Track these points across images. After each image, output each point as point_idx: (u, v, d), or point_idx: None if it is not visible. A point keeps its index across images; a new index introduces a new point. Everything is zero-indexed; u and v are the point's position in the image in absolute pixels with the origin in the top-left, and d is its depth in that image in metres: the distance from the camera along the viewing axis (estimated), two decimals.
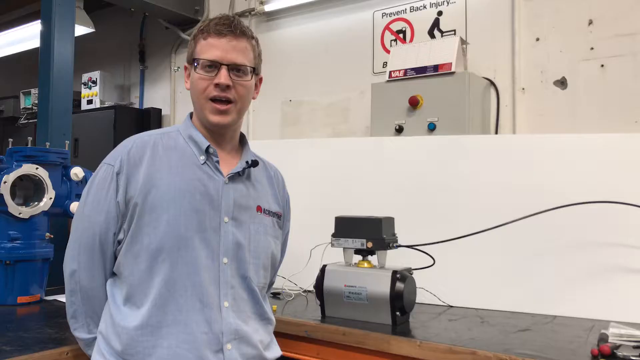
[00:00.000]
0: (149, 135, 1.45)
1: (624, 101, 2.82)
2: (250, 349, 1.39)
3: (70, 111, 3.26)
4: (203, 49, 1.41)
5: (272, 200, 1.54)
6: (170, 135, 1.46)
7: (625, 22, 2.83)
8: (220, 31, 1.40)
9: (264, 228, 1.48)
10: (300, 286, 2.28)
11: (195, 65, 1.41)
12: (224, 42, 1.39)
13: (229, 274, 1.38)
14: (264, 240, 1.47)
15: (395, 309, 1.79)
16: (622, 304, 1.90)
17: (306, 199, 2.51)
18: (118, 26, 5.40)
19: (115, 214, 1.36)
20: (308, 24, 4.06)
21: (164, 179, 1.36)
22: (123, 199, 1.35)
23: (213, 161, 1.42)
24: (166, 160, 1.39)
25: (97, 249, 1.37)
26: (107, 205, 1.36)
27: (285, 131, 4.17)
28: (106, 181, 1.37)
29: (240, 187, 1.45)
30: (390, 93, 3.09)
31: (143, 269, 1.33)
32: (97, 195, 1.37)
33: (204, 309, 1.33)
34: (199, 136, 1.44)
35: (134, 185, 1.35)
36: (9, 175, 2.09)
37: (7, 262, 2.09)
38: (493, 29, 3.23)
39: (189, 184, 1.37)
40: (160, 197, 1.34)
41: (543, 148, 2.18)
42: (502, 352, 1.48)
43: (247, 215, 1.44)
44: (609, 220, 1.97)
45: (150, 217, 1.33)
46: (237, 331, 1.36)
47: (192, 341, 1.31)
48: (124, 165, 1.37)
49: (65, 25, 3.22)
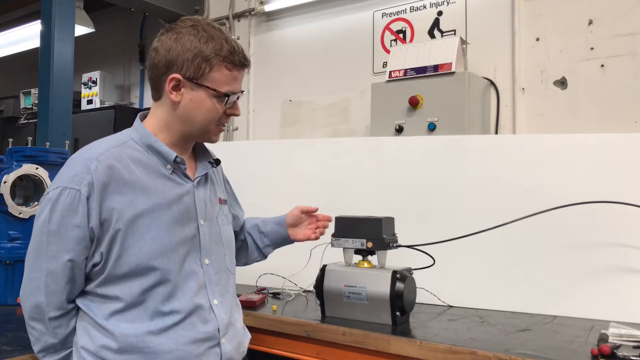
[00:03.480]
0: (105, 149, 1.34)
1: (624, 101, 2.82)
2: (237, 337, 1.47)
3: (70, 111, 3.27)
4: (228, 80, 1.38)
5: (222, 188, 1.61)
6: (128, 145, 1.38)
7: (625, 22, 2.83)
8: (244, 64, 1.40)
9: (226, 217, 1.55)
10: (300, 286, 2.28)
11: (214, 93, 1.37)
12: (243, 74, 1.42)
13: (212, 272, 1.43)
14: (228, 229, 1.56)
15: (395, 309, 1.79)
16: (622, 304, 1.90)
17: (306, 199, 2.51)
18: (118, 26, 5.41)
19: (89, 240, 1.29)
20: (308, 24, 4.06)
21: (140, 197, 1.32)
22: (97, 223, 1.28)
23: (181, 169, 1.42)
24: (135, 176, 1.34)
25: (68, 279, 1.30)
26: (80, 232, 1.28)
27: (285, 131, 4.17)
28: (74, 207, 1.27)
29: (205, 187, 1.49)
30: (390, 93, 3.09)
31: (136, 288, 1.31)
32: (65, 225, 1.27)
33: (199, 312, 1.37)
34: (162, 146, 1.39)
35: (107, 209, 1.29)
36: (9, 175, 2.09)
37: (7, 262, 2.09)
38: (493, 29, 3.23)
39: (163, 197, 1.36)
40: (141, 217, 1.31)
41: (543, 148, 2.18)
42: (502, 352, 1.48)
43: (213, 210, 1.49)
44: (609, 220, 1.97)
45: (134, 238, 1.30)
46: (227, 325, 1.43)
47: (192, 343, 1.34)
48: (94, 188, 1.27)
49: (65, 25, 3.23)
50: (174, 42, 1.36)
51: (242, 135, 4.38)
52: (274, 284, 2.26)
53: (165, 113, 1.41)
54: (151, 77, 1.42)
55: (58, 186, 1.29)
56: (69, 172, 1.31)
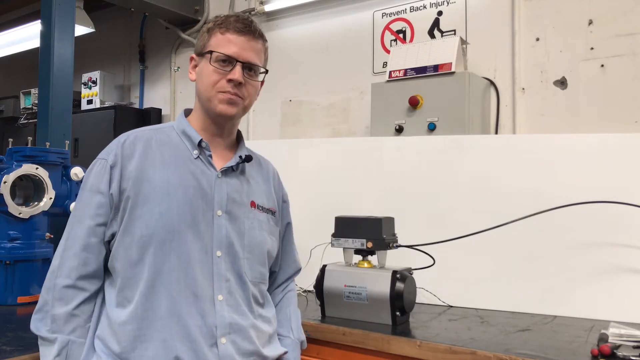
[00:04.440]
0: (142, 130, 1.46)
1: (624, 101, 2.82)
2: (246, 344, 1.38)
3: (70, 111, 3.26)
4: (220, 42, 1.41)
5: (266, 196, 1.55)
6: (164, 131, 1.47)
7: (625, 22, 2.83)
8: (240, 29, 1.41)
9: (258, 224, 1.48)
10: (300, 286, 2.28)
11: (209, 57, 1.41)
12: (242, 40, 1.42)
13: (223, 267, 1.38)
14: (259, 235, 1.47)
15: (395, 309, 1.79)
16: (622, 304, 1.90)
17: (306, 199, 2.52)
18: (118, 26, 5.40)
19: (109, 207, 1.35)
20: (308, 24, 4.06)
21: (157, 173, 1.37)
22: (117, 190, 1.35)
23: (206, 155, 1.43)
24: (159, 154, 1.40)
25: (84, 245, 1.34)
26: (102, 198, 1.35)
27: (285, 131, 4.17)
28: (101, 175, 1.37)
29: (233, 181, 1.46)
30: (390, 93, 3.09)
31: (134, 260, 1.32)
32: (92, 191, 1.36)
33: (197, 302, 1.33)
34: (192, 131, 1.45)
35: (127, 177, 1.35)
36: (9, 175, 2.09)
37: (7, 262, 2.09)
38: (493, 29, 3.23)
39: (181, 178, 1.38)
40: (153, 190, 1.34)
41: (543, 148, 2.18)
42: (502, 352, 1.48)
43: (241, 210, 1.45)
44: (609, 220, 1.97)
45: (143, 210, 1.33)
46: (231, 325, 1.35)
47: (187, 334, 1.30)
48: (118, 159, 1.37)
49: (65, 25, 3.23)
50: None
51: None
52: None
53: (195, 98, 1.49)
54: None
55: (96, 158, 1.42)
56: (108, 147, 1.43)
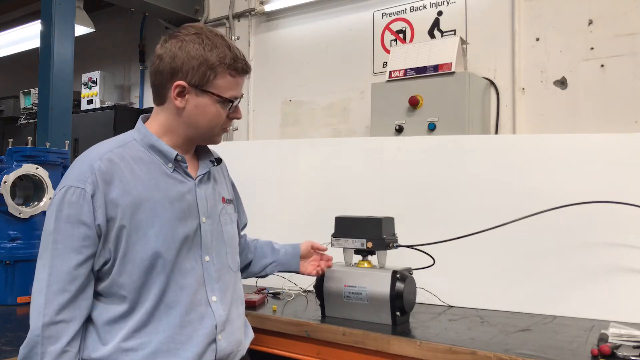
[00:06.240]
0: (108, 150, 1.37)
1: (624, 101, 2.82)
2: (234, 335, 1.46)
3: (70, 111, 3.27)
4: (231, 86, 1.41)
5: (226, 188, 1.62)
6: (130, 146, 1.40)
7: (625, 22, 2.83)
8: (246, 70, 1.44)
9: (229, 217, 1.56)
10: (300, 286, 2.28)
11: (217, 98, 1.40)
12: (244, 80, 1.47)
13: (212, 269, 1.44)
14: (232, 228, 1.57)
15: (395, 309, 1.79)
16: (622, 304, 1.90)
17: (306, 199, 2.52)
18: (118, 26, 5.41)
19: (96, 237, 1.30)
20: (308, 24, 4.06)
21: (142, 196, 1.34)
22: (104, 220, 1.29)
23: (182, 167, 1.44)
24: (138, 175, 1.36)
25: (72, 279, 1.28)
26: (87, 230, 1.29)
27: (285, 131, 4.17)
28: (79, 205, 1.29)
29: (207, 185, 1.50)
30: (390, 93, 3.09)
31: (138, 283, 1.33)
32: (72, 223, 1.28)
33: (195, 308, 1.38)
34: (163, 145, 1.41)
35: (112, 206, 1.30)
36: (9, 175, 2.09)
37: (7, 262, 2.09)
38: (493, 29, 3.23)
39: (165, 195, 1.38)
40: (145, 214, 1.34)
41: (543, 148, 2.18)
42: (502, 352, 1.48)
43: (216, 209, 1.51)
44: (609, 220, 1.97)
45: (138, 235, 1.33)
46: (224, 322, 1.43)
47: (189, 341, 1.35)
48: (97, 186, 1.30)
49: (65, 25, 3.23)
50: (178, 49, 1.37)
51: (242, 135, 4.38)
52: (274, 284, 2.26)
53: (169, 118, 1.43)
54: (155, 84, 1.43)
55: (64, 186, 1.32)
56: (74, 172, 1.34)
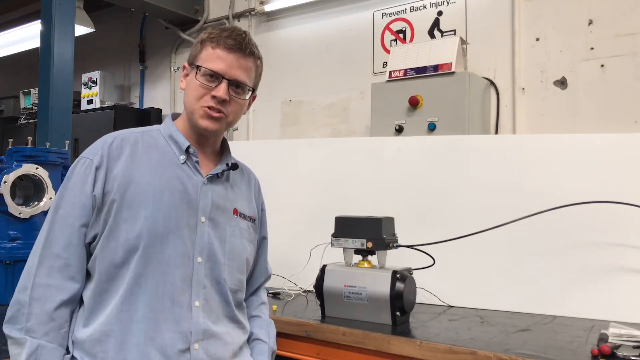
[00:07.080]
0: (129, 132, 1.45)
1: (624, 101, 2.82)
2: (218, 349, 1.38)
3: (70, 111, 3.27)
4: (209, 57, 1.41)
5: (247, 204, 1.56)
6: (151, 134, 1.46)
7: (625, 22, 2.83)
8: (231, 46, 1.40)
9: (239, 231, 1.49)
10: (300, 286, 2.28)
11: (197, 70, 1.41)
12: (231, 58, 1.41)
13: (202, 273, 1.38)
14: (240, 243, 1.48)
15: (395, 309, 1.79)
16: (622, 304, 1.90)
17: (306, 199, 2.52)
18: (118, 26, 5.41)
19: (91, 208, 1.33)
20: (308, 24, 4.06)
21: (143, 176, 1.36)
22: (100, 193, 1.33)
23: (193, 161, 1.43)
24: (146, 157, 1.39)
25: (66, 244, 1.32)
26: (85, 199, 1.33)
27: (285, 131, 4.17)
28: (85, 175, 1.35)
29: (218, 188, 1.46)
30: (390, 93, 3.09)
31: (118, 263, 1.32)
32: (75, 191, 1.34)
33: (173, 308, 1.33)
34: (180, 136, 1.44)
35: (112, 180, 1.34)
36: (9, 175, 2.09)
37: (7, 262, 2.09)
38: (493, 29, 3.23)
39: (167, 182, 1.38)
40: (139, 194, 1.34)
41: (543, 148, 2.18)
42: (502, 352, 1.48)
43: (224, 217, 1.45)
44: (609, 220, 1.97)
45: (128, 213, 1.32)
46: (205, 331, 1.36)
47: (160, 339, 1.30)
48: (104, 160, 1.36)
49: (65, 25, 3.23)
50: None
51: (242, 135, 4.38)
52: (274, 283, 2.25)
53: (184, 107, 1.48)
54: None
55: (81, 156, 1.40)
56: (91, 146, 1.41)
